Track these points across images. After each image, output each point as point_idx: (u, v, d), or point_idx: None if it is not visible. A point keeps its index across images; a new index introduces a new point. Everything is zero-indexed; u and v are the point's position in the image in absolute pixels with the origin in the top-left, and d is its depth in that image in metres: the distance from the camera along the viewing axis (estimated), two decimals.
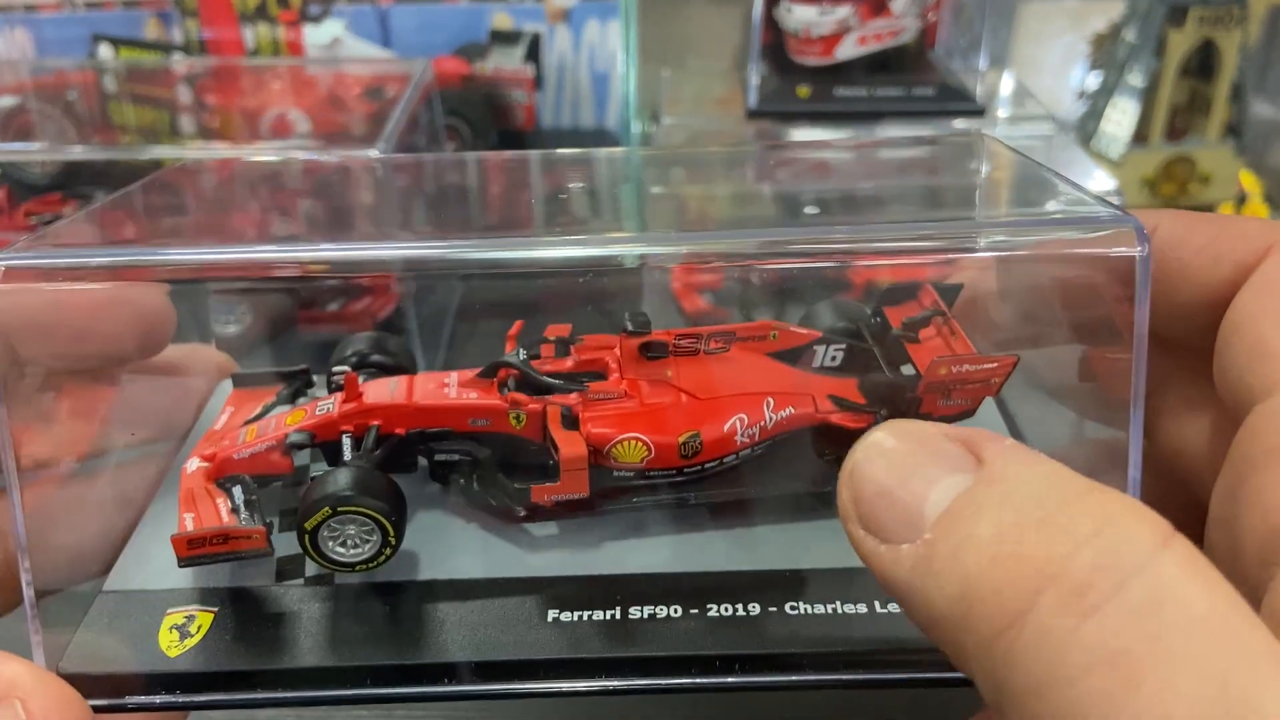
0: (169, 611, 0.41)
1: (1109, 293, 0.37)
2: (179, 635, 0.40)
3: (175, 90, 1.05)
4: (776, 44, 1.06)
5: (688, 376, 0.46)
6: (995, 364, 0.44)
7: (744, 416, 0.45)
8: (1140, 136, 1.08)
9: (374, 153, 0.75)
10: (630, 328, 0.46)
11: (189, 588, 0.42)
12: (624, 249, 0.41)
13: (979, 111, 0.99)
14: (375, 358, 0.52)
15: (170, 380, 0.53)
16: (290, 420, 0.46)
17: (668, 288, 0.66)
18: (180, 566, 0.41)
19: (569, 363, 0.48)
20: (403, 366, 0.52)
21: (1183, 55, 1.06)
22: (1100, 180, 0.94)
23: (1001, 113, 1.01)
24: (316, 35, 1.12)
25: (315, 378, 0.53)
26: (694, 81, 1.07)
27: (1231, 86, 1.07)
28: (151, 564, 0.43)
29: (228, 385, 0.53)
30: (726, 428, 0.44)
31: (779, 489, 0.46)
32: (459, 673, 0.39)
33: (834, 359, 0.49)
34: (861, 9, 1.04)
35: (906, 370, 0.48)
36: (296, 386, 0.52)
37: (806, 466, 0.46)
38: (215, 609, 0.41)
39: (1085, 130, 1.12)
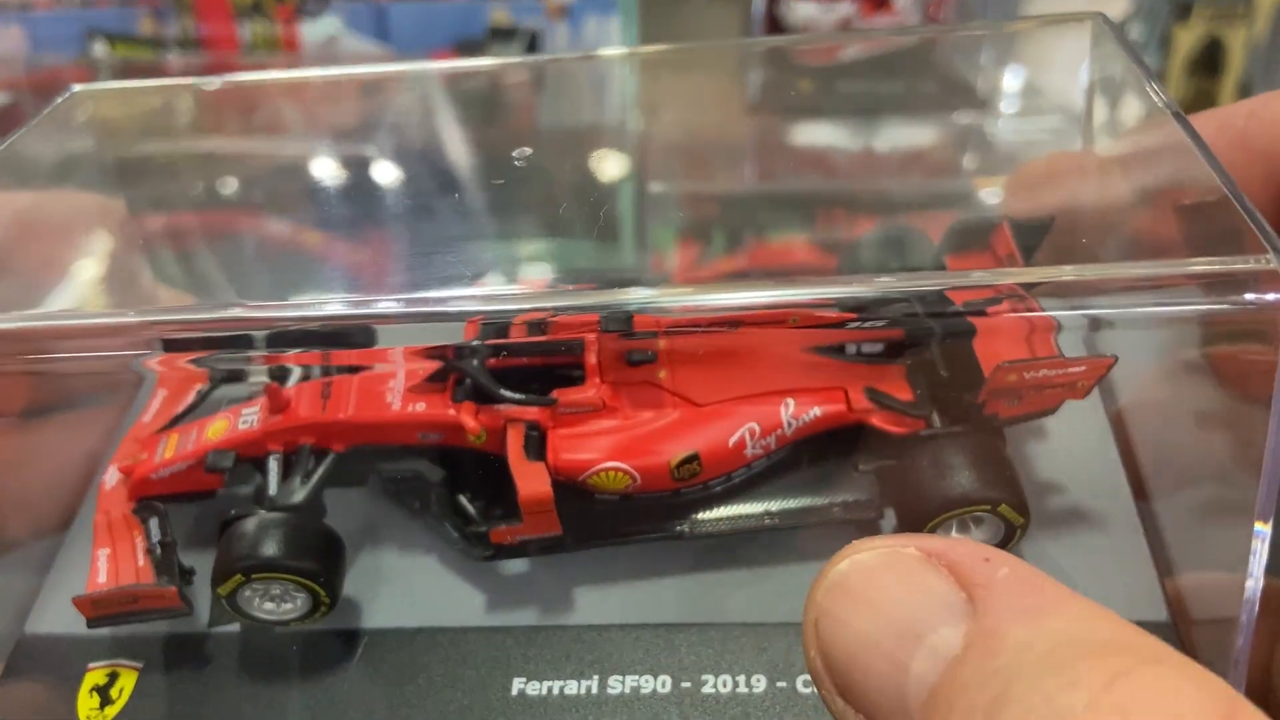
0: (90, 667, 0.36)
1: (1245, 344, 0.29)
2: (99, 700, 0.35)
3: None
4: None
5: (683, 377, 0.38)
6: (1083, 366, 0.35)
7: (755, 425, 0.37)
8: None
9: (370, 148, 0.74)
10: (608, 321, 0.36)
11: (112, 635, 0.37)
12: (625, 299, 0.33)
13: (982, 104, 0.98)
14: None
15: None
16: (211, 433, 0.40)
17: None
18: (89, 628, 0.36)
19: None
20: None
21: (1189, 52, 1.05)
22: None
23: (1007, 106, 1.01)
24: (313, 31, 1.11)
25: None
26: (694, 76, 1.06)
27: (1238, 83, 1.06)
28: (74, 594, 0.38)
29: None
30: (733, 441, 0.37)
31: (797, 516, 0.38)
32: None
33: (873, 344, 0.39)
34: (863, 5, 1.04)
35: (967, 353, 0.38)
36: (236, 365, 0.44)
37: (833, 483, 0.38)
38: (140, 665, 0.36)
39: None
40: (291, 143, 0.52)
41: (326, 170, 0.49)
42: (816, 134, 0.54)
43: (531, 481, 0.36)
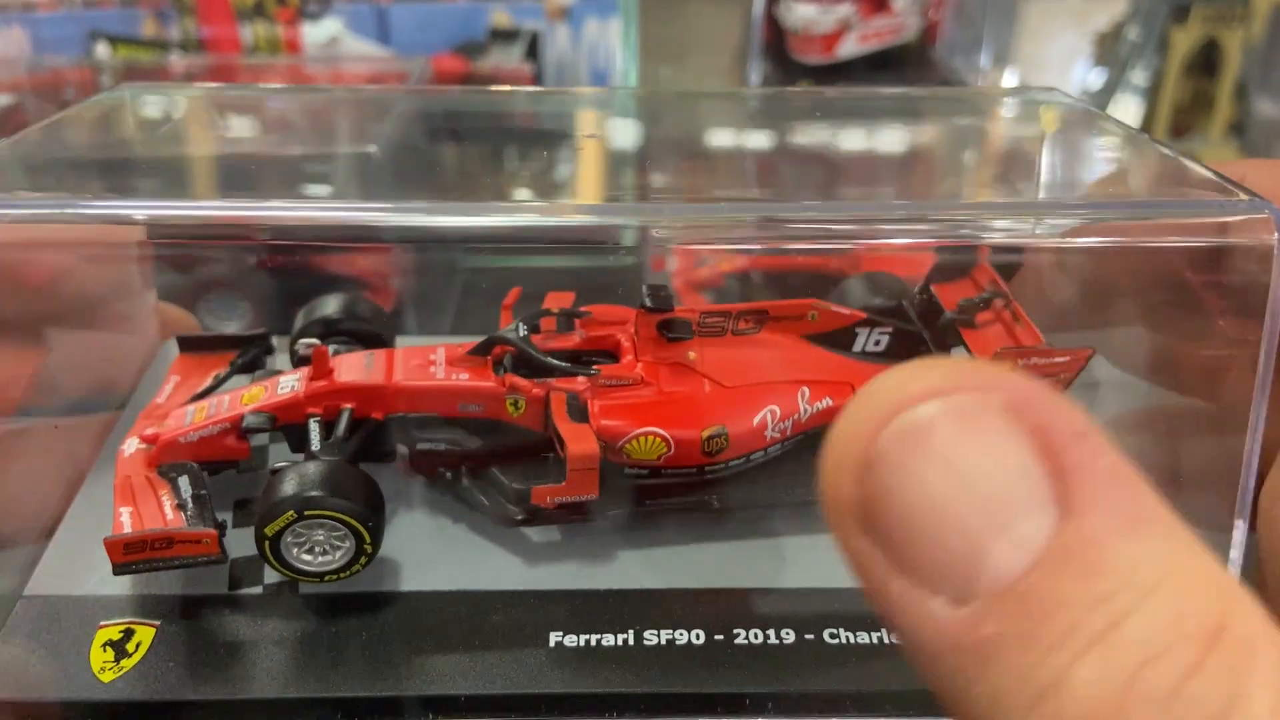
0: (102, 624, 0.35)
1: (1225, 285, 0.32)
2: (114, 654, 0.34)
3: None
4: (777, 42, 1.06)
5: (713, 361, 0.41)
6: (1067, 357, 0.39)
7: (776, 409, 0.39)
8: None
9: (372, 149, 0.75)
10: (649, 303, 0.40)
11: (126, 595, 0.37)
12: (622, 219, 0.36)
13: None
14: (347, 325, 0.45)
15: (107, 338, 0.47)
16: (247, 399, 0.40)
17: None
18: (115, 574, 0.35)
19: (575, 339, 0.42)
20: (379, 335, 0.45)
21: (1186, 53, 1.05)
22: None
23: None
24: (315, 33, 1.11)
25: (276, 340, 0.46)
26: (694, 79, 1.06)
27: (1235, 85, 1.06)
28: (81, 563, 0.38)
29: (172, 348, 0.47)
30: (756, 421, 0.39)
31: (812, 493, 0.42)
32: (446, 708, 0.33)
33: (878, 343, 0.43)
34: (862, 7, 1.04)
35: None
36: (253, 354, 0.46)
37: None
38: (157, 623, 0.36)
39: None
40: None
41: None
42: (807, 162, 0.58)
43: (579, 440, 0.37)
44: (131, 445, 0.40)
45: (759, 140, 0.55)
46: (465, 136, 0.51)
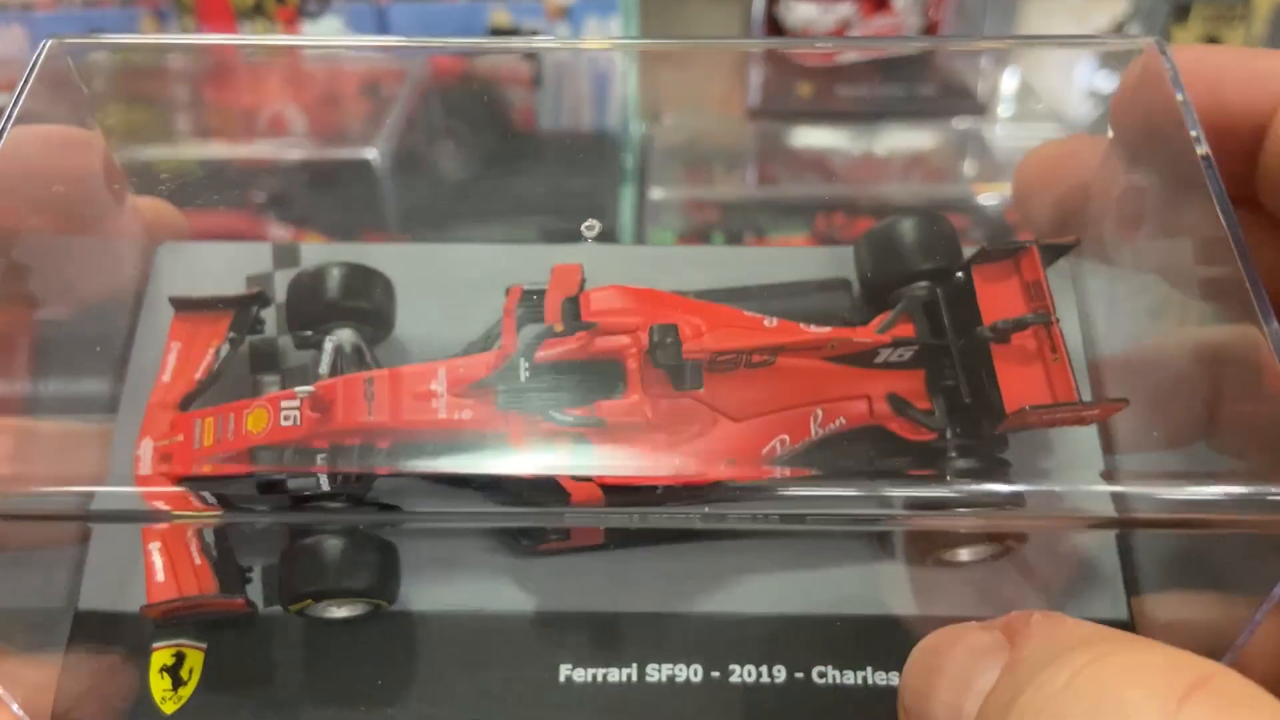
0: (155, 646, 0.37)
1: None
2: (171, 681, 0.37)
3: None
4: None
5: (723, 394, 0.39)
6: (1096, 410, 0.38)
7: (786, 437, 0.39)
8: None
9: (371, 152, 0.75)
10: (657, 355, 0.38)
11: None
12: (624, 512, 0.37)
13: (981, 110, 0.99)
14: (348, 304, 0.43)
15: (98, 245, 0.45)
16: (252, 425, 0.40)
17: None
18: (155, 628, 0.37)
19: (579, 351, 0.40)
20: (383, 314, 0.43)
21: None
22: None
23: (1005, 111, 1.01)
24: (314, 32, 1.11)
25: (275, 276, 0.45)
26: (694, 80, 1.06)
27: None
28: (124, 571, 0.38)
29: (168, 255, 0.45)
30: (765, 451, 0.39)
31: (816, 518, 0.40)
32: None
33: (902, 356, 0.41)
34: (863, 7, 1.04)
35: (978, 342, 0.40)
36: (251, 320, 0.44)
37: (850, 484, 0.40)
38: (204, 645, 0.38)
39: (1092, 130, 1.11)
40: None
41: None
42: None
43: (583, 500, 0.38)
44: (147, 449, 0.40)
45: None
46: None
